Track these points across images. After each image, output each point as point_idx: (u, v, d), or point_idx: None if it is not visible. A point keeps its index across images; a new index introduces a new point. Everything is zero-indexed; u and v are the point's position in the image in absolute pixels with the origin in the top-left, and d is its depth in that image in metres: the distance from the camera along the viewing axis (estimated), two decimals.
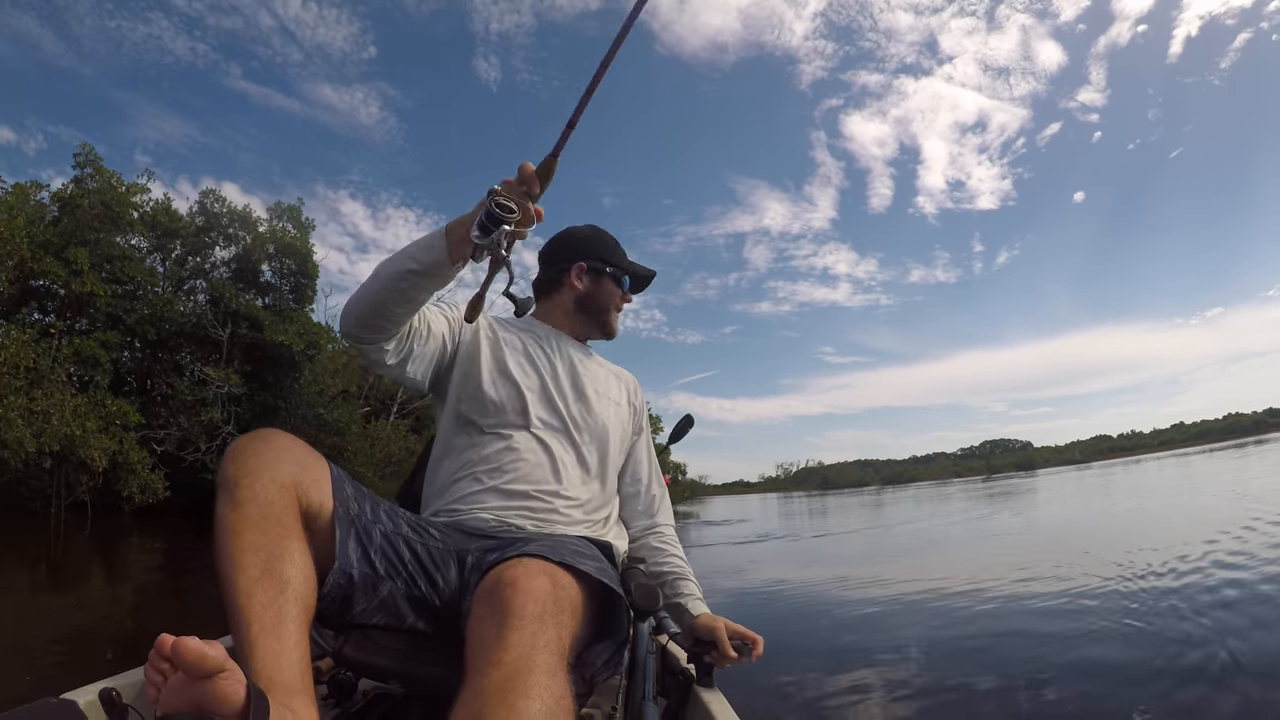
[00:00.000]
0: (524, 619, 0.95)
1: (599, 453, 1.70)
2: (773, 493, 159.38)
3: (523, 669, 0.89)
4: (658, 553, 1.79)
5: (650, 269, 1.93)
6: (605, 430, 1.71)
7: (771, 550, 11.99)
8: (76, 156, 22.75)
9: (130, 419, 19.31)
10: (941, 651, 4.13)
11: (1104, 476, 34.25)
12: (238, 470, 1.08)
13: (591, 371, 1.78)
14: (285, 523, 1.08)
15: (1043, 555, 7.51)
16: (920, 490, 52.94)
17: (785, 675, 3.77)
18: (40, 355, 18.21)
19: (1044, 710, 3.05)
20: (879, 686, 3.55)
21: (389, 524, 1.32)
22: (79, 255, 20.18)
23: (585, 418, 1.68)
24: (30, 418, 17.07)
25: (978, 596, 5.58)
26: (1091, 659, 3.66)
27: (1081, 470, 62.09)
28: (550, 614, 0.99)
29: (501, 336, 1.70)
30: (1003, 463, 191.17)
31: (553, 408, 1.65)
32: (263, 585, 1.00)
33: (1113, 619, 4.42)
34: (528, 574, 1.03)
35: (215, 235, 24.36)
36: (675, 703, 1.48)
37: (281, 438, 1.17)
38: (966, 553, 9.08)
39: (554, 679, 0.91)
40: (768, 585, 7.31)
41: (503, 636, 0.93)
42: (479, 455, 1.57)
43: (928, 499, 28.26)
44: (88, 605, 6.65)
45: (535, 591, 1.00)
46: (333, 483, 1.21)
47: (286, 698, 0.92)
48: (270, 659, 0.95)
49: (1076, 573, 6.14)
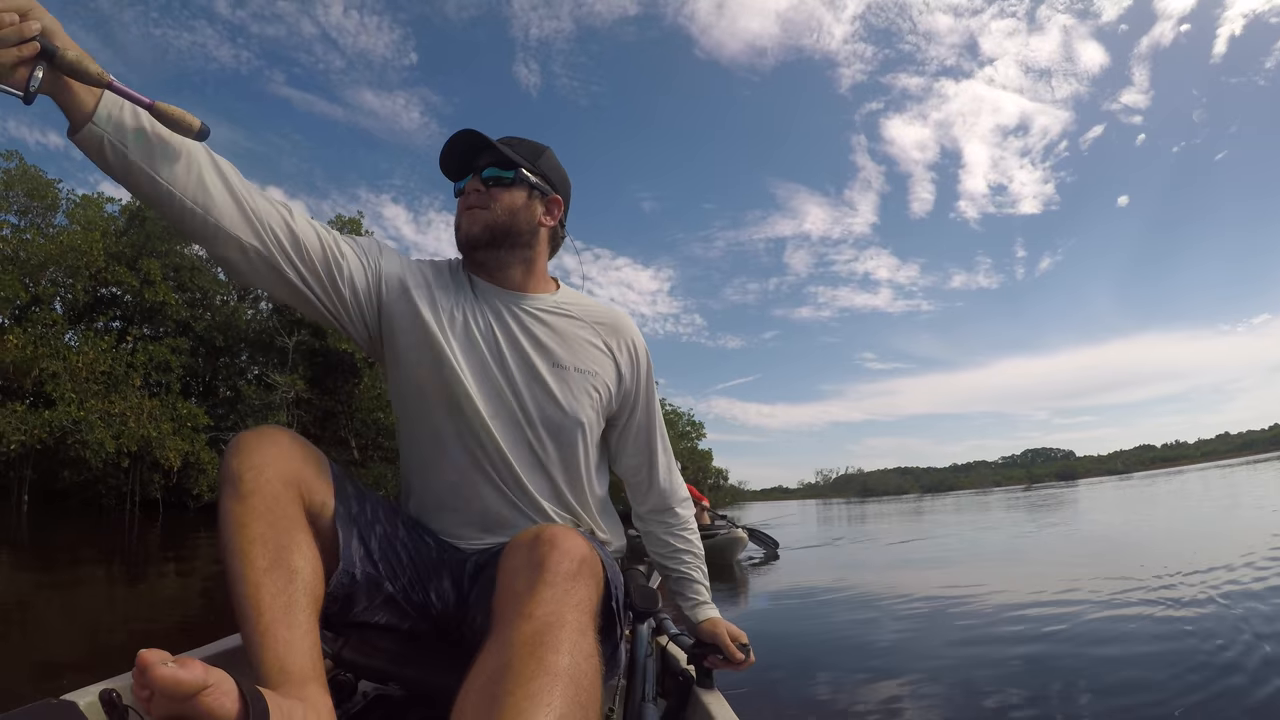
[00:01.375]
0: (558, 575, 0.92)
1: (565, 450, 1.36)
2: (812, 499, 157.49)
3: (554, 624, 0.85)
4: (665, 546, 1.57)
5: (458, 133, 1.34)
6: (574, 419, 1.35)
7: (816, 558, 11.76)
8: None
9: (199, 421, 19.85)
10: (973, 663, 3.88)
11: (1146, 488, 33.10)
12: (241, 464, 1.04)
13: (548, 334, 1.35)
14: (291, 516, 1.05)
15: (1085, 568, 7.12)
16: (960, 499, 51.25)
17: (804, 680, 3.65)
18: (115, 361, 18.80)
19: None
20: (902, 697, 3.37)
21: (388, 526, 1.27)
22: (151, 266, 20.87)
23: (545, 410, 1.33)
24: (109, 420, 17.63)
25: (1018, 608, 5.30)
26: (1132, 679, 3.43)
27: (1123, 481, 60.09)
28: (585, 575, 0.95)
29: (436, 301, 1.30)
30: (1043, 472, 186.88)
31: (501, 402, 1.30)
32: (271, 576, 0.98)
33: (1156, 638, 4.14)
34: (566, 534, 0.99)
35: None
36: (675, 704, 1.42)
37: (284, 435, 1.13)
38: (1008, 563, 8.70)
39: (584, 636, 0.87)
40: (803, 592, 7.11)
41: (535, 590, 0.89)
42: (429, 471, 1.34)
43: (968, 508, 27.44)
44: (161, 595, 6.75)
45: (573, 551, 0.96)
46: (334, 481, 1.17)
47: (300, 686, 0.91)
48: (283, 648, 0.93)
49: (1118, 587, 5.81)
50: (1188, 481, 37.34)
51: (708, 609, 1.53)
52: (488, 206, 1.32)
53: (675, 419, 47.31)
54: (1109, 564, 7.17)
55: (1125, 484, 47.51)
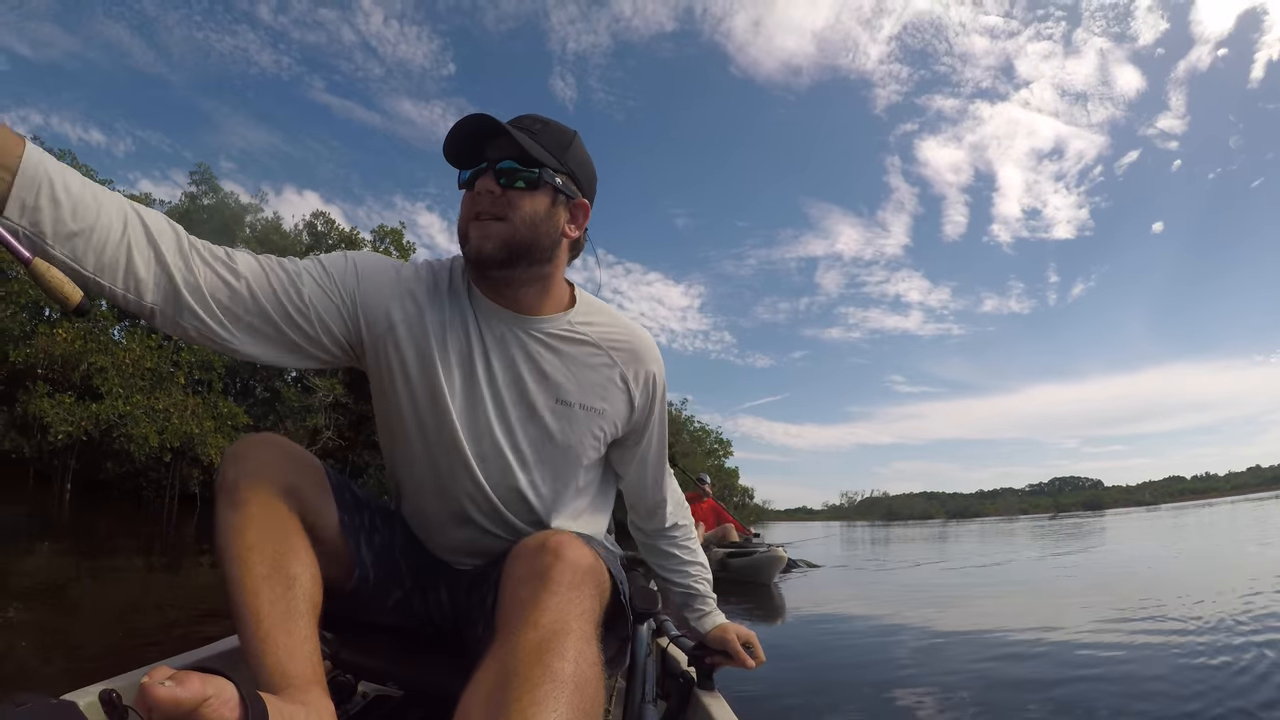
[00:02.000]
0: (562, 585, 0.91)
1: (561, 490, 1.25)
2: (836, 520, 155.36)
3: (560, 631, 0.85)
4: (671, 560, 1.54)
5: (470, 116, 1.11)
6: (575, 462, 1.24)
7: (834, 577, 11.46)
8: (193, 174, 24.20)
9: (240, 420, 20.09)
10: (993, 682, 3.62)
11: (1174, 519, 32.08)
12: (238, 473, 1.03)
13: (555, 369, 1.19)
14: (288, 523, 1.04)
15: (1109, 598, 6.63)
16: (985, 525, 49.80)
17: (813, 689, 3.49)
18: (161, 358, 19.10)
19: None
20: (913, 709, 3.16)
21: (386, 533, 1.27)
22: None
23: (537, 451, 1.21)
24: (153, 415, 17.89)
25: (1038, 633, 4.96)
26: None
27: (1150, 512, 58.34)
28: (588, 584, 0.94)
29: (428, 328, 1.14)
30: (1070, 501, 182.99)
31: (488, 442, 1.17)
32: (270, 583, 0.97)
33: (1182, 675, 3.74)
34: (571, 543, 0.98)
35: (320, 253, 25.02)
36: (675, 705, 1.44)
37: (280, 443, 1.12)
38: (1031, 590, 8.13)
39: (588, 644, 0.87)
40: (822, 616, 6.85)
41: (540, 599, 0.89)
42: (419, 497, 1.26)
43: (992, 534, 26.78)
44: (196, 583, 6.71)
45: (578, 561, 0.95)
46: (334, 489, 1.17)
47: (301, 691, 0.91)
48: (283, 654, 0.93)
49: (1148, 615, 5.42)
50: (1217, 514, 36.09)
51: (715, 617, 1.54)
52: (504, 216, 1.10)
53: (703, 436, 46.92)
54: (1137, 594, 6.71)
55: (1153, 515, 46.04)
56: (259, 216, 24.83)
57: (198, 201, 24.02)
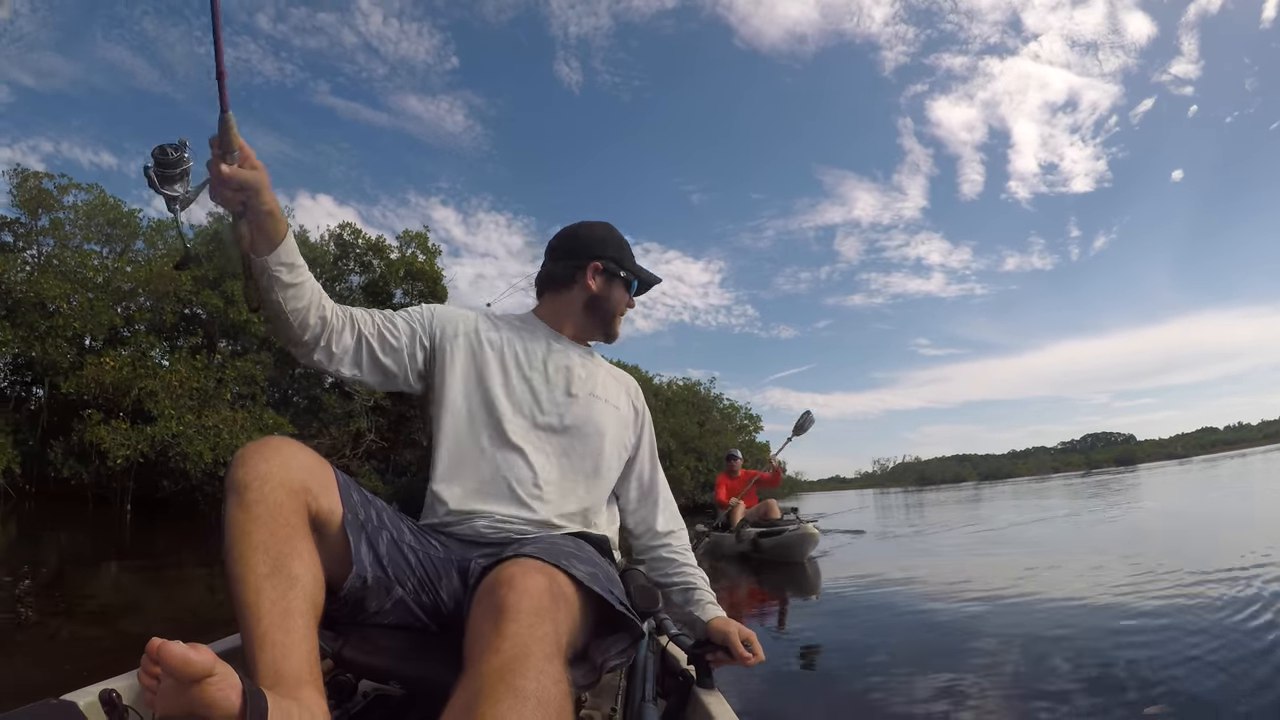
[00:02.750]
0: (521, 613, 0.94)
1: (592, 456, 1.59)
2: (869, 488, 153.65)
3: (520, 654, 0.88)
4: (668, 564, 1.73)
5: (657, 277, 1.82)
6: (600, 434, 1.60)
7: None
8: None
9: (286, 430, 20.33)
10: (1021, 662, 3.24)
11: (1208, 471, 31.12)
12: (247, 474, 1.08)
13: (589, 373, 1.66)
14: (293, 524, 1.08)
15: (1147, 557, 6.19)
16: (1018, 486, 48.39)
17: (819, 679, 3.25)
18: (206, 377, 19.43)
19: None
20: (928, 698, 2.83)
21: (394, 531, 1.32)
22: (236, 288, 21.48)
23: (576, 420, 1.58)
24: (204, 433, 18.23)
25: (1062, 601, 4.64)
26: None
27: (1183, 465, 56.43)
28: (547, 610, 0.97)
29: (486, 338, 1.59)
30: (1102, 457, 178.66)
31: (540, 411, 1.55)
32: (271, 582, 1.01)
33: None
34: (524, 572, 1.02)
35: (350, 263, 25.50)
36: (675, 704, 1.43)
37: (289, 444, 1.16)
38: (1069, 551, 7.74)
39: (550, 663, 0.90)
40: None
41: (500, 628, 0.92)
42: (467, 465, 1.50)
43: (1026, 494, 26.06)
44: None
45: (531, 589, 0.98)
46: (340, 489, 1.22)
47: (294, 689, 0.94)
48: (279, 652, 0.96)
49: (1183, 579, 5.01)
50: (1251, 464, 35.16)
51: (714, 608, 1.62)
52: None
53: (732, 412, 46.50)
54: (1172, 553, 6.36)
55: (1185, 468, 44.85)
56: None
57: (225, 220, 24.31)
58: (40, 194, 20.97)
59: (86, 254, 21.12)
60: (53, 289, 18.74)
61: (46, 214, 21.18)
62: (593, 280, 1.68)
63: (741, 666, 1.48)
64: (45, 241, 21.27)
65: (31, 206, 20.99)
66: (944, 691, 2.83)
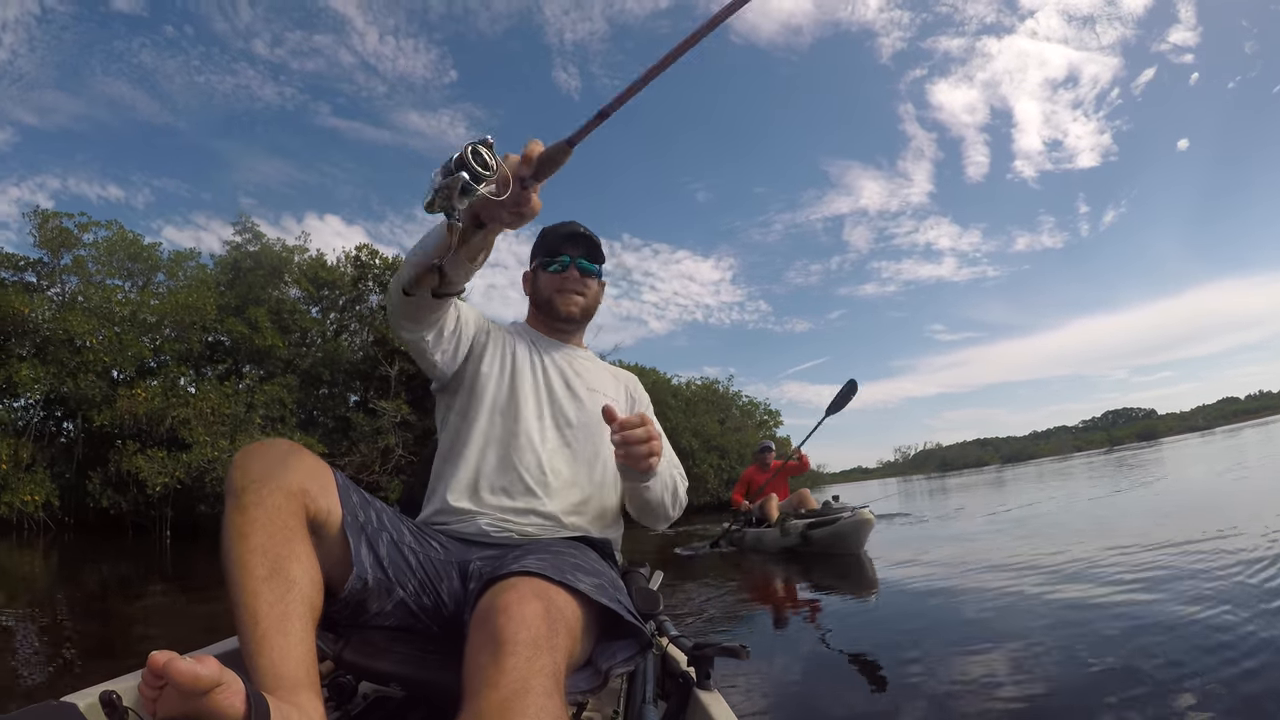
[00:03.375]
0: (518, 645, 0.91)
1: (596, 451, 1.64)
2: (891, 477, 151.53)
3: (519, 691, 0.86)
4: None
5: (567, 223, 1.77)
6: (603, 428, 1.59)
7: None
8: (235, 225, 24.90)
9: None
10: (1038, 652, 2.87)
11: (1229, 442, 30.39)
12: (244, 478, 1.07)
13: (585, 371, 1.75)
14: (291, 527, 1.07)
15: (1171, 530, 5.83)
16: (1041, 466, 47.20)
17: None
18: (235, 403, 19.58)
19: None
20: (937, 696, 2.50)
21: (394, 532, 1.31)
22: (259, 314, 21.77)
23: (582, 417, 1.64)
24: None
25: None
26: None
27: (1204, 437, 55.35)
28: (544, 639, 0.94)
29: (511, 341, 1.70)
30: (1123, 434, 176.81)
31: (551, 408, 1.63)
32: (269, 585, 1.00)
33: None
34: (520, 599, 0.99)
35: (369, 283, 25.65)
36: (675, 705, 1.42)
37: (288, 447, 1.16)
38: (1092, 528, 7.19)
39: (550, 700, 0.88)
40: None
41: (498, 661, 0.89)
42: (477, 462, 1.54)
43: (1050, 475, 25.34)
44: None
45: (528, 618, 0.96)
46: (339, 491, 1.21)
47: (292, 693, 0.93)
48: (277, 656, 0.95)
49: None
50: (1274, 431, 34.42)
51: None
52: (584, 294, 1.77)
53: (752, 409, 46.19)
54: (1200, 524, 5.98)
55: (1208, 439, 43.90)
56: (305, 256, 25.27)
57: (244, 249, 24.57)
58: (61, 233, 21.25)
59: (111, 289, 21.40)
60: (81, 325, 18.97)
61: (68, 252, 21.49)
62: (527, 287, 1.84)
63: (736, 656, 1.39)
64: (68, 279, 21.62)
65: (54, 246, 21.29)
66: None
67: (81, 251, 21.67)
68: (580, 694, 1.13)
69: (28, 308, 19.02)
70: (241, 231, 25.09)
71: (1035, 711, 2.21)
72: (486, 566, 1.29)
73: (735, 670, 2.80)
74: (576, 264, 1.74)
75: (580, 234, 1.74)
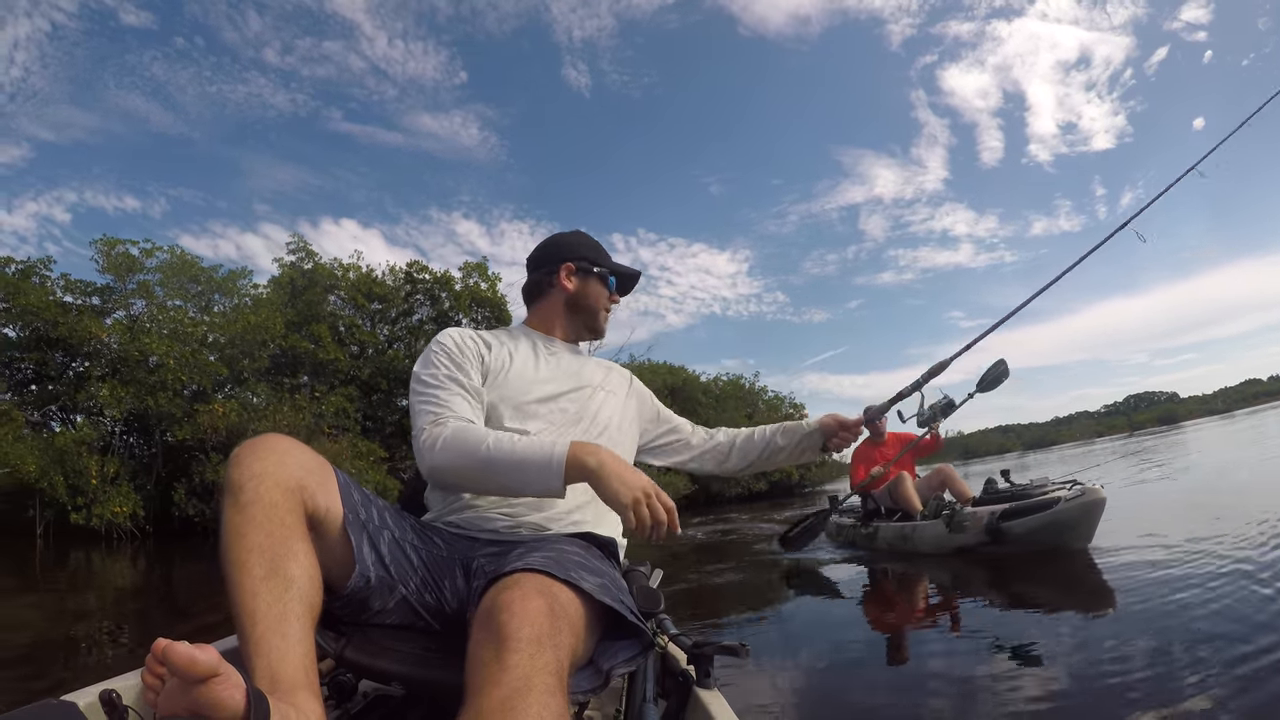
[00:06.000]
0: (521, 641, 0.90)
1: (599, 435, 1.63)
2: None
3: (522, 689, 0.84)
4: (741, 436, 1.97)
5: (635, 270, 1.85)
6: (606, 422, 1.66)
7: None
8: (288, 244, 25.89)
9: (377, 453, 21.08)
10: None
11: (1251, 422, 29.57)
12: (242, 474, 1.04)
13: (585, 369, 1.74)
14: (289, 524, 1.04)
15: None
16: (1063, 452, 46.31)
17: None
18: (306, 414, 20.21)
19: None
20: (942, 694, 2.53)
21: (396, 530, 1.29)
22: (322, 330, 22.42)
23: (583, 413, 1.63)
24: None
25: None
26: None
27: (1226, 420, 54.07)
28: (547, 636, 0.93)
29: (500, 348, 1.66)
30: (1145, 418, 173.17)
31: (550, 406, 1.59)
32: (268, 584, 0.97)
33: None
34: (523, 596, 0.97)
35: (420, 297, 26.54)
36: (675, 704, 1.38)
37: (286, 443, 1.12)
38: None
39: (553, 697, 0.86)
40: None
41: (501, 659, 0.88)
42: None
43: (1072, 459, 24.78)
44: None
45: (531, 614, 0.94)
46: (340, 488, 1.18)
47: (290, 693, 0.90)
48: (275, 656, 0.92)
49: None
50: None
51: (809, 420, 1.95)
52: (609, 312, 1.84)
53: (777, 403, 46.38)
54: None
55: (1229, 422, 42.73)
56: (356, 273, 25.94)
57: (299, 267, 25.22)
58: (126, 259, 21.94)
59: (180, 310, 22.12)
60: (157, 346, 19.67)
61: (133, 276, 22.17)
62: (568, 281, 1.76)
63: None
64: (135, 303, 22.32)
65: (120, 271, 21.97)
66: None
67: (145, 276, 22.36)
68: (582, 694, 1.10)
69: (104, 332, 19.71)
70: (294, 250, 25.81)
71: None
72: (490, 563, 1.26)
73: (728, 671, 2.68)
74: (617, 294, 1.85)
75: (635, 283, 1.89)
